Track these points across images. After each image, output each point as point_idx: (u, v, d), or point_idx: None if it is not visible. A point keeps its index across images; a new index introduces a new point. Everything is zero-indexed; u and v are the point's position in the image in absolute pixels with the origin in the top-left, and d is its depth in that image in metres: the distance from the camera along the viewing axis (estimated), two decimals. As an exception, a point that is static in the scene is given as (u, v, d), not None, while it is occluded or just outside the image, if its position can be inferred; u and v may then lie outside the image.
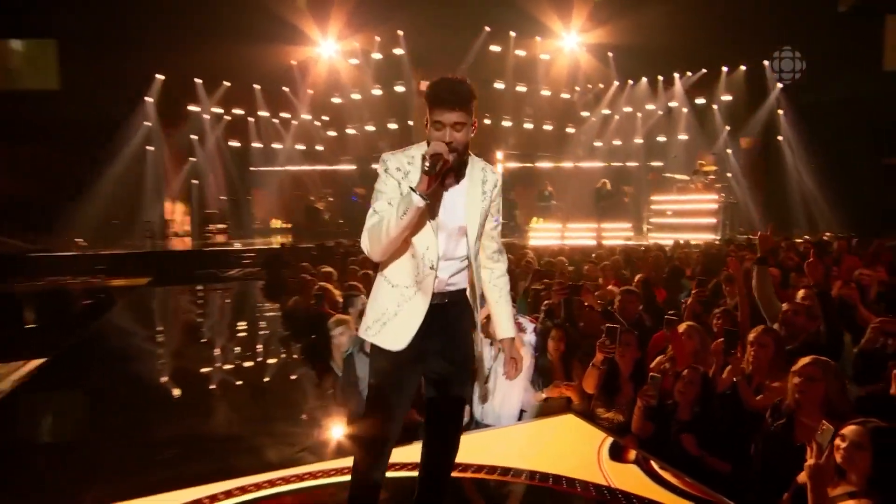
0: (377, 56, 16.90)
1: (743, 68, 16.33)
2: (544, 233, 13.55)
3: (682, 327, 3.47)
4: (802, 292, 3.50)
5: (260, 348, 6.56)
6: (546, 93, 17.69)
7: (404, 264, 2.02)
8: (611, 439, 3.14)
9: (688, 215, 13.42)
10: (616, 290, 4.66)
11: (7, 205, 13.51)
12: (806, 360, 2.31)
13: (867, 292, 4.69)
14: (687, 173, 14.33)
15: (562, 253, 8.21)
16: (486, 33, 16.37)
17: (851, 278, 4.67)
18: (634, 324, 3.92)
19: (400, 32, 16.21)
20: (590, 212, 14.39)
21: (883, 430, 1.95)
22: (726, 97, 16.73)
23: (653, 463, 2.86)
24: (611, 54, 17.11)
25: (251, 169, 18.30)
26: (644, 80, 17.61)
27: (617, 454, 3.00)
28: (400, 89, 16.95)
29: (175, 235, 16.62)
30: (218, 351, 6.37)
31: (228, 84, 17.01)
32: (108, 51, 13.38)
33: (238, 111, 17.72)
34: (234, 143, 18.12)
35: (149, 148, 16.48)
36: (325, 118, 18.56)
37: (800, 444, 2.11)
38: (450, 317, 2.09)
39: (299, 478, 2.79)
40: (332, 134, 18.67)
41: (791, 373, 2.32)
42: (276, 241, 14.64)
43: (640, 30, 14.52)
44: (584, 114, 18.45)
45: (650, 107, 17.84)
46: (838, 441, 1.99)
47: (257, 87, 17.54)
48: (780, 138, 15.99)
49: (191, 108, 16.87)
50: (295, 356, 5.66)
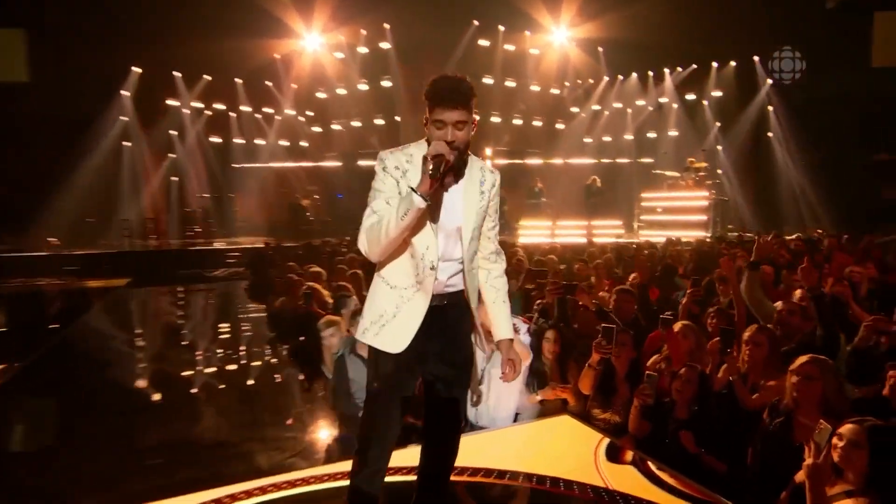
0: (363, 50, 16.81)
1: (733, 64, 16.54)
2: (534, 230, 13.61)
3: (677, 326, 3.52)
4: (799, 293, 3.56)
5: (246, 351, 6.52)
6: (535, 88, 17.74)
7: (403, 265, 2.02)
8: (607, 440, 3.18)
9: (678, 212, 13.57)
10: (606, 295, 4.72)
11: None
12: (804, 358, 2.36)
13: (858, 289, 4.81)
14: (678, 170, 14.48)
15: (553, 251, 8.25)
16: (475, 27, 16.37)
17: (843, 276, 4.79)
18: (630, 324, 3.96)
19: (386, 26, 16.15)
20: (580, 209, 14.49)
21: (880, 428, 2.00)
22: (716, 93, 16.95)
23: (650, 464, 2.90)
24: (601, 49, 17.22)
25: (233, 166, 18.12)
26: (634, 75, 17.75)
27: (614, 455, 3.04)
28: (387, 84, 16.88)
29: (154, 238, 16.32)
30: (202, 354, 6.32)
31: (209, 78, 16.79)
32: (80, 42, 13.11)
33: (219, 106, 17.49)
34: (216, 139, 17.91)
35: (125, 144, 16.22)
36: (310, 113, 18.42)
37: (798, 443, 2.15)
38: (449, 319, 2.10)
39: (291, 484, 2.77)
40: (316, 130, 18.55)
41: (789, 372, 2.37)
42: (260, 241, 14.51)
43: (631, 24, 14.65)
44: (574, 109, 18.56)
45: (640, 102, 18.00)
46: (835, 440, 2.04)
47: (239, 81, 17.34)
48: (770, 135, 16.22)
49: (169, 102, 16.63)
50: (283, 358, 5.63)
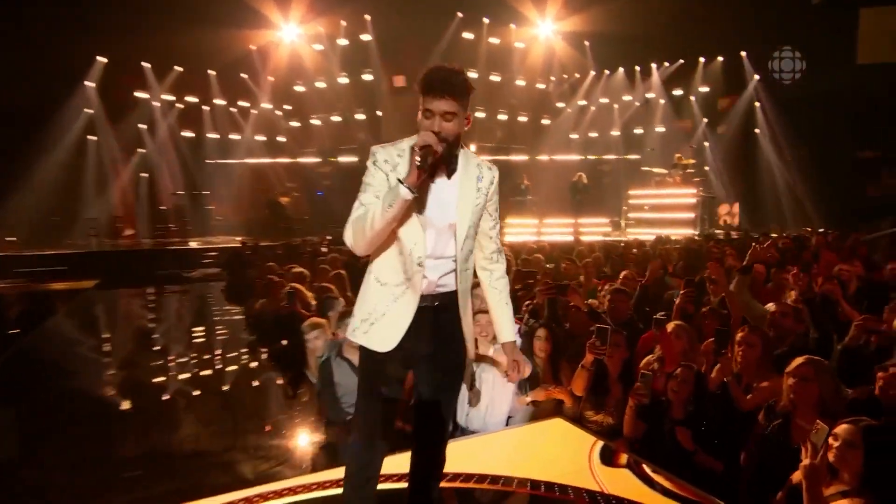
0: (343, 42, 16.70)
1: (720, 59, 16.82)
2: (520, 229, 13.68)
3: (670, 327, 3.57)
4: (793, 295, 3.65)
5: (225, 355, 6.43)
6: (521, 83, 17.83)
7: (392, 262, 2.02)
8: (601, 443, 3.21)
9: (666, 210, 13.77)
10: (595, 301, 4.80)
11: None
12: (800, 360, 2.42)
13: (847, 287, 4.95)
14: (665, 166, 14.69)
15: (540, 250, 8.31)
16: (459, 20, 16.39)
17: (831, 274, 4.93)
18: (626, 324, 4.01)
19: (367, 17, 16.06)
20: (566, 206, 14.61)
21: (874, 428, 2.06)
22: (703, 88, 17.21)
23: (645, 466, 2.94)
24: (587, 43, 17.36)
25: (207, 162, 17.86)
26: (621, 70, 17.94)
27: (608, 458, 3.07)
28: (368, 78, 16.81)
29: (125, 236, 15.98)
30: (178, 359, 6.22)
31: (180, 69, 16.53)
32: (40, 28, 12.70)
33: (191, 99, 17.25)
34: (188, 134, 17.64)
35: (91, 137, 15.87)
36: (288, 107, 18.26)
37: (796, 445, 2.21)
38: (441, 321, 2.09)
39: (278, 494, 2.75)
40: (295, 124, 18.38)
41: (785, 374, 2.43)
42: (236, 240, 14.32)
43: (617, 18, 14.80)
44: (560, 105, 18.69)
45: (627, 98, 18.19)
46: (831, 440, 2.09)
47: (212, 72, 17.11)
48: (757, 131, 16.54)
49: (138, 94, 16.32)
50: (264, 363, 5.57)
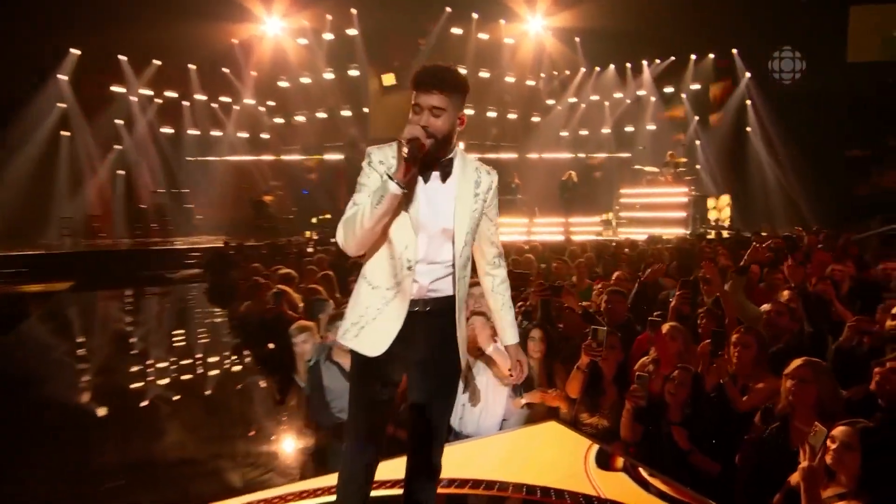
0: (328, 36, 16.61)
1: (711, 56, 17.01)
2: (510, 228, 13.73)
3: (665, 328, 3.61)
4: (787, 293, 3.72)
5: (210, 359, 6.38)
6: (510, 79, 17.88)
7: (383, 264, 2.02)
8: (596, 446, 3.23)
9: (657, 209, 13.90)
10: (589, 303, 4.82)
11: None
12: (798, 361, 2.46)
13: (840, 288, 5.04)
14: (657, 165, 14.82)
15: (532, 250, 8.35)
16: (447, 14, 16.37)
17: (824, 274, 5.02)
18: (623, 325, 4.05)
19: (353, 11, 15.98)
20: (556, 205, 14.69)
21: (872, 430, 2.11)
22: (695, 86, 17.40)
23: (641, 470, 2.97)
24: (578, 39, 17.46)
25: (188, 159, 17.68)
26: (612, 67, 18.06)
27: (604, 462, 3.09)
28: (354, 73, 16.75)
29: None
30: (161, 364, 6.16)
31: (159, 63, 16.35)
32: (6, 18, 12.40)
33: (171, 94, 17.06)
34: (167, 130, 17.45)
35: (64, 133, 15.63)
36: (271, 103, 18.13)
37: (795, 448, 2.25)
38: (434, 326, 2.09)
39: (268, 503, 2.73)
40: (279, 121, 18.27)
41: (783, 376, 2.47)
42: (218, 240, 14.18)
43: (608, 14, 14.90)
44: (550, 102, 18.77)
45: (618, 95, 18.33)
46: (828, 442, 2.13)
47: (192, 67, 16.94)
48: (748, 129, 16.75)
49: (115, 88, 16.10)
50: (251, 367, 5.53)
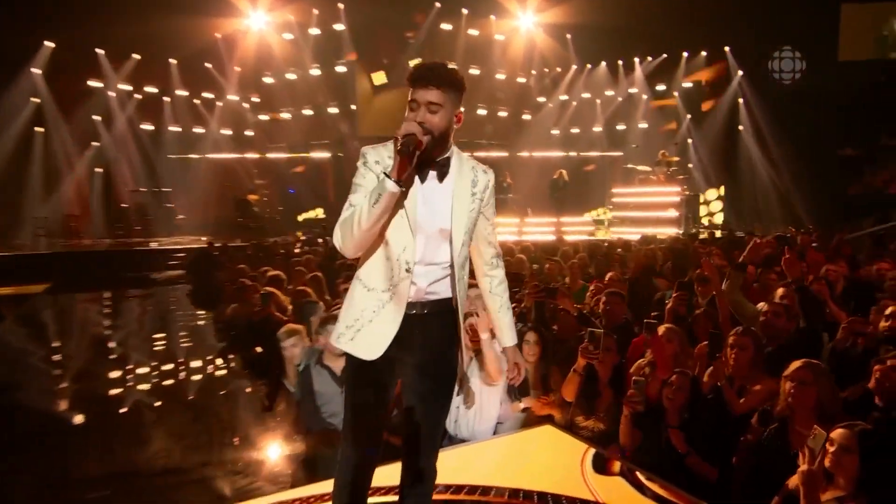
0: (315, 31, 16.54)
1: (703, 54, 17.18)
2: (501, 228, 13.76)
3: (661, 330, 3.65)
4: (781, 291, 3.77)
5: (195, 364, 6.33)
6: (501, 76, 17.91)
7: (379, 266, 2.03)
8: (593, 450, 3.26)
9: (650, 208, 14.00)
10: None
11: None
12: (797, 363, 2.49)
13: (834, 288, 5.13)
14: (649, 164, 14.93)
15: (525, 251, 8.38)
16: (437, 10, 16.37)
17: (819, 274, 5.10)
18: (621, 327, 4.08)
19: (340, 5, 15.93)
20: (548, 205, 14.75)
21: (870, 432, 2.15)
22: (687, 84, 17.55)
23: (639, 474, 3.00)
24: (569, 36, 17.54)
25: (169, 157, 17.50)
26: (603, 64, 18.16)
27: (601, 466, 3.12)
28: (341, 69, 16.69)
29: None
30: (144, 369, 6.10)
31: (138, 57, 16.16)
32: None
33: (151, 89, 16.89)
34: (148, 126, 17.27)
35: (38, 129, 15.39)
36: (256, 100, 18.02)
37: (794, 451, 2.28)
38: (431, 328, 2.10)
39: (260, 511, 2.75)
40: (263, 118, 18.15)
41: (783, 378, 2.51)
42: (201, 241, 14.04)
43: (600, 9, 14.98)
44: (541, 99, 18.84)
45: (609, 93, 18.44)
46: (826, 445, 2.17)
47: (174, 61, 16.78)
48: (741, 128, 16.93)
49: (92, 83, 15.90)
50: (238, 372, 5.50)
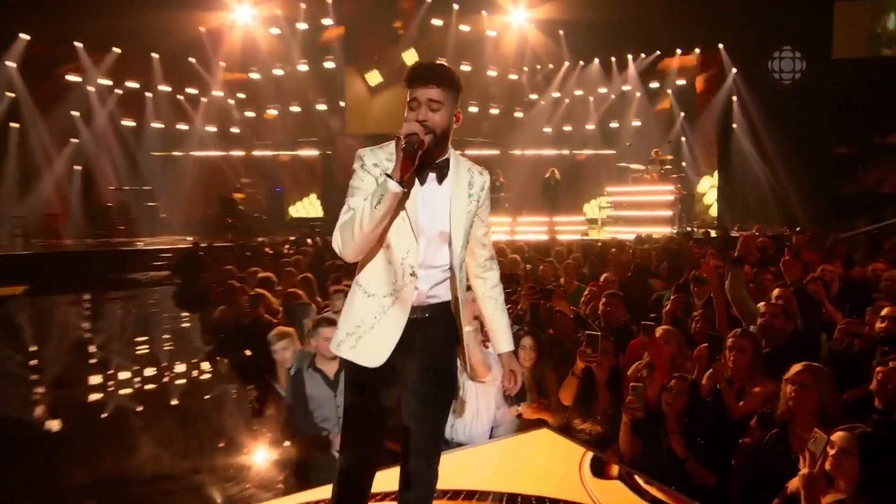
0: (302, 26, 16.45)
1: (697, 51, 17.30)
2: (493, 228, 13.77)
3: (658, 331, 3.69)
4: (777, 291, 3.82)
5: (182, 368, 6.29)
6: (492, 73, 17.93)
7: (381, 272, 2.02)
8: (591, 454, 3.29)
9: (643, 207, 14.10)
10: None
11: None
12: (798, 367, 2.53)
13: (830, 288, 5.20)
14: (642, 162, 15.03)
15: (518, 251, 8.42)
16: (427, 5, 16.36)
17: (816, 275, 5.17)
18: (620, 329, 4.12)
19: (329, 0, 15.89)
20: (540, 204, 14.80)
21: (870, 435, 2.19)
22: (681, 81, 17.67)
23: (637, 478, 3.03)
24: (562, 32, 17.59)
25: (152, 154, 17.34)
26: (596, 61, 18.23)
27: (599, 470, 3.14)
28: (329, 65, 16.62)
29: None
30: (130, 374, 6.04)
31: (118, 51, 15.99)
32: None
33: (132, 84, 16.71)
34: (129, 123, 17.09)
35: (13, 125, 15.20)
36: (242, 96, 17.90)
37: (795, 455, 2.32)
38: (432, 333, 2.11)
39: (253, 518, 2.75)
40: (249, 114, 18.04)
41: (784, 381, 2.54)
42: (185, 240, 13.94)
43: (592, 5, 15.05)
44: (533, 96, 18.88)
45: (602, 90, 18.51)
46: (827, 448, 2.21)
47: (156, 56, 16.62)
48: (734, 126, 17.07)
49: (70, 77, 15.70)
50: (227, 375, 5.46)
